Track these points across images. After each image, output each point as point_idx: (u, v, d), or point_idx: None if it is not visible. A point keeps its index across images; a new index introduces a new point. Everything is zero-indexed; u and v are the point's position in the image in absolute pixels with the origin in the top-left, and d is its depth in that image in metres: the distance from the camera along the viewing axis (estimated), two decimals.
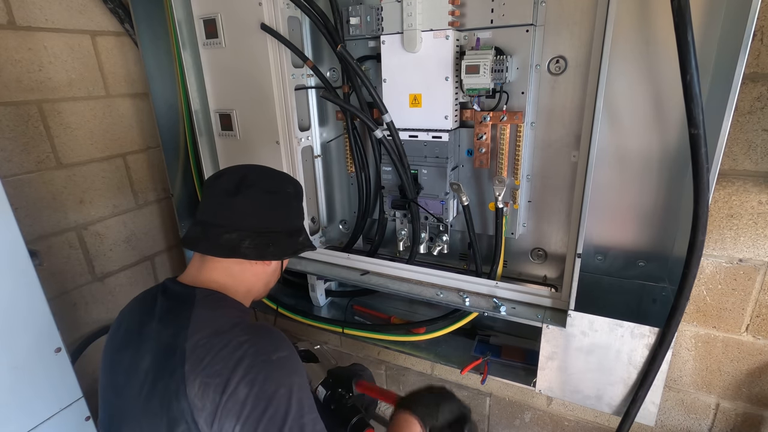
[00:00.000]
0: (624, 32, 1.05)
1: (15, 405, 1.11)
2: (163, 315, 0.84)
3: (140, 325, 0.85)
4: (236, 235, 0.86)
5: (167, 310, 0.84)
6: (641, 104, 1.10)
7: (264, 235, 0.89)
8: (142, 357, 0.81)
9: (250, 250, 0.87)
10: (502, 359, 1.39)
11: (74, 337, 1.63)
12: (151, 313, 0.86)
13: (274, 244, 0.90)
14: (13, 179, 1.42)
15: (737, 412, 1.44)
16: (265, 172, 0.96)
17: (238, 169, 0.93)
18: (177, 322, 0.80)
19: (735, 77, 0.85)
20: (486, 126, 1.24)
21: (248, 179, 0.90)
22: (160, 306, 0.86)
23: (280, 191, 0.93)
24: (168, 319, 0.82)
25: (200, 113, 1.55)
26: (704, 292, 1.33)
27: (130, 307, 0.93)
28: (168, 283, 0.91)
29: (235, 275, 0.90)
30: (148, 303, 0.89)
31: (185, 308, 0.82)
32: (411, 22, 1.17)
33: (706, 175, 0.88)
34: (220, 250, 0.87)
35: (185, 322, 0.79)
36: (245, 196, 0.88)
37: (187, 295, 0.85)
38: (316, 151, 1.55)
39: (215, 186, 0.90)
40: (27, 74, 1.42)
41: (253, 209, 0.89)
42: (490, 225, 1.37)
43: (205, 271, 0.89)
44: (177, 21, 1.43)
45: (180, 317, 0.81)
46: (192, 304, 0.83)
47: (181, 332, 0.78)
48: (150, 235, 1.91)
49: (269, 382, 0.73)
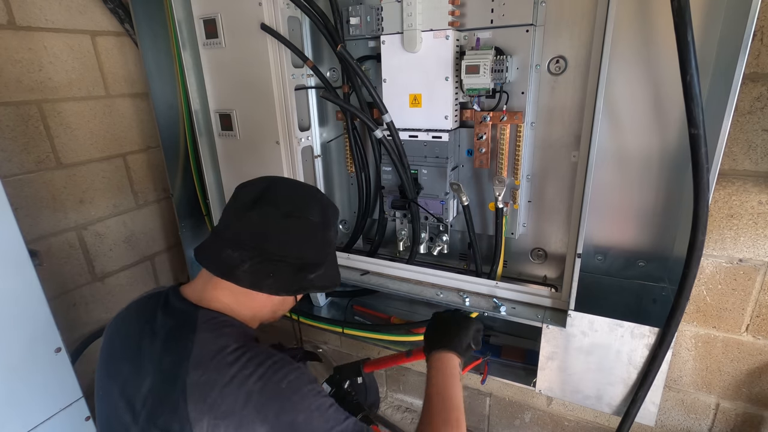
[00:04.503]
0: (624, 32, 1.05)
1: (15, 405, 1.11)
2: (164, 336, 0.78)
3: (139, 337, 0.81)
4: (238, 254, 0.78)
5: (168, 331, 0.79)
6: (641, 104, 1.10)
7: (268, 263, 0.79)
8: (142, 378, 0.76)
9: (245, 276, 0.78)
10: (502, 359, 1.39)
11: (74, 337, 1.63)
12: (151, 326, 0.81)
13: (276, 275, 0.80)
14: (13, 179, 1.42)
15: (737, 412, 1.44)
16: (293, 189, 0.86)
17: (264, 180, 0.85)
18: (178, 350, 0.75)
19: (735, 77, 0.85)
20: (486, 126, 1.24)
21: (269, 194, 0.81)
22: (161, 323, 0.80)
23: (302, 216, 0.81)
24: (169, 343, 0.77)
25: (200, 113, 1.55)
26: (704, 292, 1.33)
27: (128, 313, 0.87)
28: (171, 295, 0.84)
29: (239, 299, 0.82)
30: (148, 313, 0.83)
31: (187, 332, 0.77)
32: (411, 22, 1.17)
33: (706, 175, 0.88)
34: (217, 267, 0.80)
35: (187, 351, 0.74)
36: (260, 212, 0.79)
37: (190, 316, 0.79)
38: (316, 151, 1.55)
39: (239, 195, 0.84)
40: (27, 74, 1.42)
41: (263, 229, 0.79)
42: (490, 225, 1.37)
43: (210, 287, 0.82)
44: (177, 21, 1.42)
45: (181, 343, 0.75)
46: (194, 328, 0.77)
47: (183, 363, 0.73)
48: (150, 235, 1.91)
49: (285, 414, 0.70)
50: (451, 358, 0.96)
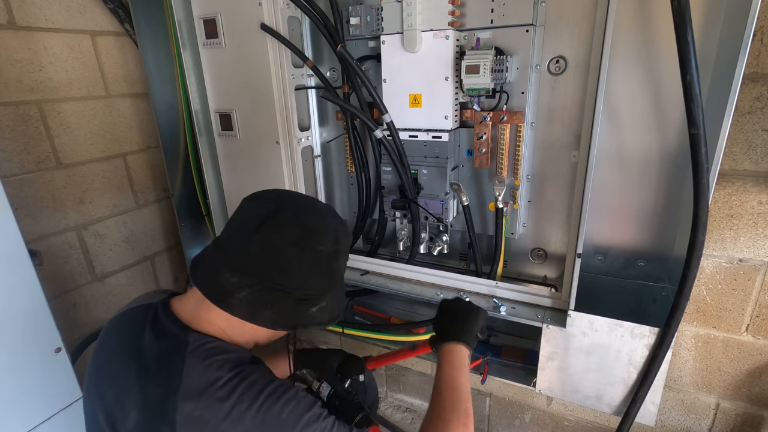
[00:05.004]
0: (624, 32, 1.05)
1: (15, 405, 1.11)
2: (151, 362, 0.74)
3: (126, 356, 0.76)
4: (237, 279, 0.73)
5: (156, 357, 0.74)
6: (641, 104, 1.10)
7: (267, 292, 0.74)
8: (127, 408, 0.72)
9: (241, 305, 0.73)
10: (502, 359, 1.39)
11: (74, 337, 1.63)
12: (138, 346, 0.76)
13: (274, 307, 0.75)
14: (13, 179, 1.42)
15: (737, 412, 1.44)
16: (303, 212, 0.78)
17: (274, 198, 0.79)
18: (166, 381, 0.70)
19: (735, 77, 0.85)
20: (486, 126, 1.24)
21: (277, 216, 0.74)
22: (149, 344, 0.75)
23: (310, 246, 0.75)
24: (156, 371, 0.72)
25: (200, 113, 1.55)
26: (704, 292, 1.33)
27: (115, 326, 0.83)
28: (161, 311, 0.79)
29: (233, 324, 0.77)
30: (136, 328, 0.79)
31: (176, 360, 0.72)
32: (411, 22, 1.17)
33: (706, 175, 0.88)
34: (212, 291, 0.74)
35: (175, 383, 0.69)
36: (264, 237, 0.73)
37: (179, 340, 0.74)
38: (316, 151, 1.55)
39: (245, 209, 0.79)
40: (27, 74, 1.42)
41: (266, 256, 0.73)
42: (490, 225, 1.37)
43: (204, 308, 0.76)
44: (177, 21, 1.42)
45: (171, 373, 0.71)
46: (183, 356, 0.72)
47: (170, 397, 0.68)
48: (150, 235, 1.91)
49: None
50: (461, 350, 0.96)
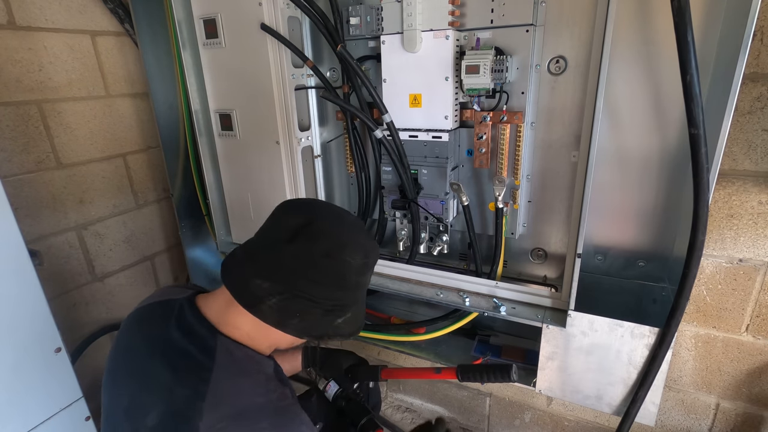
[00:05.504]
0: (624, 32, 1.05)
1: (15, 405, 1.11)
2: (177, 361, 0.75)
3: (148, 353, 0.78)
4: (268, 286, 0.75)
5: (182, 357, 0.75)
6: (641, 104, 1.10)
7: (297, 301, 0.75)
8: (148, 407, 0.73)
9: (270, 312, 0.75)
10: (502, 359, 1.39)
11: (74, 337, 1.63)
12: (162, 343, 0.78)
13: (302, 316, 0.76)
14: (13, 179, 1.42)
15: (737, 412, 1.44)
16: (337, 225, 0.80)
17: (309, 209, 0.81)
18: (194, 384, 0.72)
19: (735, 77, 0.85)
20: (486, 126, 1.24)
21: (311, 228, 0.77)
22: (175, 342, 0.77)
23: (341, 258, 0.76)
24: (183, 372, 0.74)
25: (200, 113, 1.55)
26: (704, 292, 1.33)
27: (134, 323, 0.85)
28: (187, 308, 0.81)
29: (261, 330, 0.79)
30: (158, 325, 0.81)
31: (204, 365, 0.74)
32: (411, 22, 1.17)
33: (706, 175, 0.88)
34: (243, 296, 0.76)
35: (202, 387, 0.71)
36: (298, 247, 0.75)
37: (207, 342, 0.76)
38: (316, 151, 1.55)
39: (280, 219, 0.80)
40: (27, 74, 1.42)
41: (298, 266, 0.75)
42: (490, 225, 1.37)
43: (233, 311, 0.78)
44: (177, 21, 1.42)
45: (198, 377, 0.73)
46: (213, 360, 0.74)
47: (197, 403, 0.70)
48: (150, 235, 1.91)
49: None
50: None
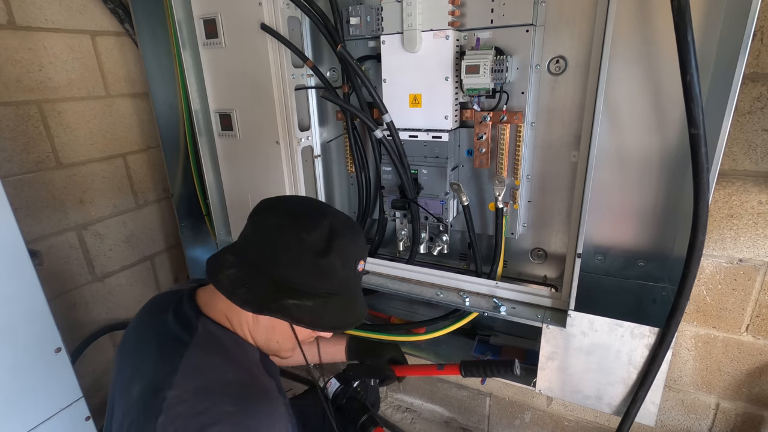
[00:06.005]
0: (624, 32, 1.05)
1: (15, 405, 1.11)
2: (165, 342, 0.78)
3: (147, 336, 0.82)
4: (232, 257, 0.78)
5: (167, 337, 0.79)
6: (641, 104, 1.10)
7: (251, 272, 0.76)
8: (134, 384, 0.76)
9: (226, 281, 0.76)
10: (502, 359, 1.39)
11: (74, 337, 1.63)
12: (158, 326, 0.81)
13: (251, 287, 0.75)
14: (13, 179, 1.42)
15: (737, 412, 1.44)
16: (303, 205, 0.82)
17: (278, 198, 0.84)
18: (170, 361, 0.74)
19: (735, 77, 0.85)
20: (486, 126, 1.24)
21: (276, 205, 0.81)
22: (168, 324, 0.81)
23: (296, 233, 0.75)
24: (167, 350, 0.77)
25: (200, 113, 1.55)
26: (704, 292, 1.33)
27: (149, 307, 0.89)
28: (186, 296, 0.84)
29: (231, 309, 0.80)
30: (162, 310, 0.84)
31: (183, 341, 0.76)
32: (411, 22, 1.17)
33: (706, 175, 0.88)
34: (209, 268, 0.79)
35: (177, 361, 0.73)
36: (257, 220, 0.80)
37: (192, 321, 0.79)
38: (316, 151, 1.55)
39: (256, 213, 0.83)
40: (27, 74, 1.42)
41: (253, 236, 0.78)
42: (490, 225, 1.37)
43: (216, 295, 0.80)
44: (177, 21, 1.42)
45: (175, 352, 0.75)
46: (191, 337, 0.76)
47: (170, 376, 0.72)
48: (150, 235, 1.91)
49: None
50: None
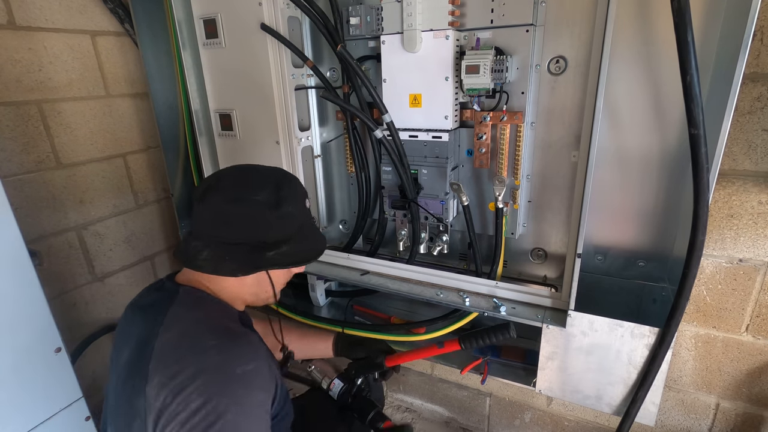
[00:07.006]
0: (624, 32, 1.05)
1: (15, 405, 1.11)
2: (145, 310, 0.87)
3: (131, 321, 0.88)
4: (200, 243, 0.85)
5: (150, 305, 0.87)
6: (641, 104, 1.10)
7: (223, 247, 0.84)
8: (123, 352, 0.83)
9: (206, 263, 0.84)
10: (502, 359, 1.39)
11: (74, 337, 1.63)
12: (140, 306, 0.90)
13: (231, 258, 0.84)
14: (13, 179, 1.42)
15: (737, 412, 1.44)
16: (241, 175, 0.89)
17: (219, 171, 0.92)
18: (154, 318, 0.82)
19: (735, 77, 0.85)
20: (486, 126, 1.24)
21: (218, 184, 0.86)
22: (151, 299, 0.89)
23: (246, 200, 0.84)
24: (148, 314, 0.85)
25: (200, 113, 1.55)
26: (704, 292, 1.33)
27: (135, 300, 0.95)
28: (166, 279, 0.93)
29: (213, 281, 0.89)
30: (144, 296, 0.92)
31: (165, 304, 0.84)
32: (411, 22, 1.17)
33: (706, 175, 0.88)
34: (184, 257, 0.87)
35: (161, 318, 0.81)
36: (207, 202, 0.85)
37: (172, 291, 0.87)
38: (316, 151, 1.55)
39: (195, 189, 0.90)
40: (27, 74, 1.42)
41: (212, 217, 0.85)
42: (490, 225, 1.37)
43: (193, 272, 0.90)
44: (177, 21, 1.42)
45: (158, 313, 0.82)
46: (172, 301, 0.84)
47: (155, 328, 0.79)
48: (150, 235, 1.91)
49: (224, 398, 0.71)
50: None
